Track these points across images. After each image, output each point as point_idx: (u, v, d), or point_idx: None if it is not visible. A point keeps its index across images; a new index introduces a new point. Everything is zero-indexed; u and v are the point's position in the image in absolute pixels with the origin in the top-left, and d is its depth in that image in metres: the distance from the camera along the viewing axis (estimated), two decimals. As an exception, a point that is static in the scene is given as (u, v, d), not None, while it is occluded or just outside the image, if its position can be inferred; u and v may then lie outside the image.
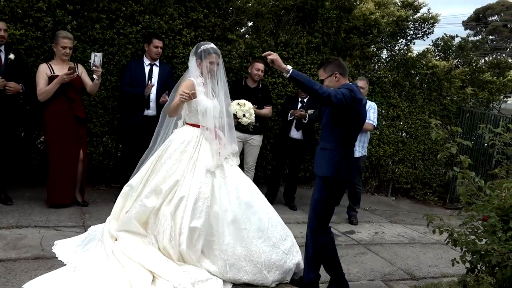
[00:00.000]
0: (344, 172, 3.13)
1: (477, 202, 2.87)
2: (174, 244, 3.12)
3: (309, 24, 6.39)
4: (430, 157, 7.76)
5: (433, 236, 4.45)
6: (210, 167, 3.30)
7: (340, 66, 3.22)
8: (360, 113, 3.15)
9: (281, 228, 3.53)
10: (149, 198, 3.25)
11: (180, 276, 2.99)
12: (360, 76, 5.76)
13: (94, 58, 4.19)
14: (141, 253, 3.11)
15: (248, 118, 3.74)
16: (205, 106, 3.38)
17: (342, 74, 3.20)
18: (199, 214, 3.17)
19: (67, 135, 4.36)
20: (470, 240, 2.89)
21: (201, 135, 3.39)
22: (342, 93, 2.93)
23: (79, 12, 4.77)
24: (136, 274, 2.93)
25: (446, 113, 7.76)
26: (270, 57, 2.93)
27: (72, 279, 2.90)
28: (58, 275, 2.95)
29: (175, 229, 3.14)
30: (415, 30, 7.27)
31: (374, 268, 4.02)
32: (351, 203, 5.57)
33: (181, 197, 3.18)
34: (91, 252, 3.26)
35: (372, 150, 7.02)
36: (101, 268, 3.02)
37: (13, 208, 4.21)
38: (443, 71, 7.43)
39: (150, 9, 5.15)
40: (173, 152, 3.33)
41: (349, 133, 3.16)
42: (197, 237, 3.15)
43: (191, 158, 3.31)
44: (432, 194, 7.88)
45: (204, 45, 3.46)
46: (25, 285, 2.80)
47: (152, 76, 4.81)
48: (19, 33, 4.42)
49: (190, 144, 3.35)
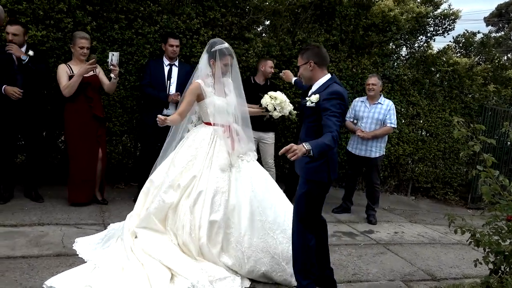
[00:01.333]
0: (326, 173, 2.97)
1: (500, 202, 2.80)
2: (194, 238, 3.16)
3: (327, 22, 6.35)
4: (451, 156, 7.62)
5: (454, 236, 4.37)
6: (224, 166, 3.33)
7: (318, 55, 2.98)
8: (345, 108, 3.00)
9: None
10: (167, 193, 3.29)
11: (198, 274, 3.00)
12: (371, 74, 5.69)
13: (111, 58, 4.24)
14: (160, 249, 3.14)
15: (280, 112, 3.69)
16: (216, 105, 3.41)
17: (318, 64, 2.98)
18: (218, 207, 3.21)
19: (86, 134, 4.43)
20: (494, 241, 2.82)
21: (215, 133, 3.43)
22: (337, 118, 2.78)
23: (99, 13, 4.83)
24: (155, 272, 2.95)
25: (468, 111, 7.61)
26: (291, 155, 2.60)
27: (93, 276, 2.94)
28: (79, 272, 2.99)
29: (195, 223, 3.18)
30: (435, 27, 7.16)
31: (394, 268, 3.97)
32: (370, 202, 5.50)
33: (199, 192, 3.23)
34: (111, 250, 3.30)
35: (391, 149, 6.93)
36: (120, 265, 3.05)
37: (35, 206, 4.29)
38: (464, 68, 7.29)
39: (168, 9, 5.18)
40: (188, 148, 3.39)
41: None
42: (216, 230, 3.19)
43: (207, 154, 3.35)
44: (453, 194, 7.74)
45: (219, 45, 3.42)
46: (47, 281, 2.84)
47: (171, 76, 4.85)
48: (41, 34, 4.50)
49: (205, 140, 3.39)
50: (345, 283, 3.47)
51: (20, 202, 4.33)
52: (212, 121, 3.45)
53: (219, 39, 3.63)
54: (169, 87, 4.81)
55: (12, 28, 4.10)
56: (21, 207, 4.20)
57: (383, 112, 5.26)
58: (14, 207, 4.18)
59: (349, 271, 3.73)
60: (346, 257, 4.07)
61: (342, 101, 2.86)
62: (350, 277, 3.61)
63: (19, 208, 4.18)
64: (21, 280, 2.86)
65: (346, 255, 4.13)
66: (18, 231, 3.65)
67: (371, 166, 5.38)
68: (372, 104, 5.33)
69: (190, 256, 3.17)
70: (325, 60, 3.03)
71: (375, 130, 5.25)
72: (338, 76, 6.36)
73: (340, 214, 5.54)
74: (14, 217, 3.94)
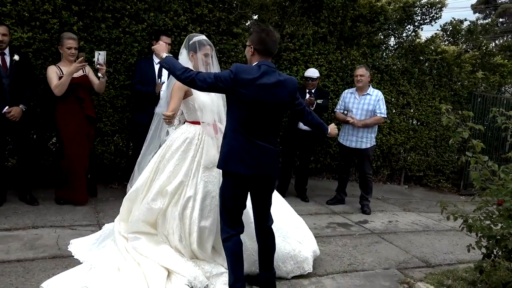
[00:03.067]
0: (233, 163, 2.71)
1: (491, 187, 2.84)
2: (186, 244, 3.12)
3: (315, 14, 6.34)
4: (442, 143, 7.69)
5: (447, 223, 4.42)
6: (210, 164, 3.16)
7: (258, 42, 2.73)
8: (247, 96, 2.64)
9: (291, 217, 3.51)
10: (155, 200, 3.18)
11: (195, 270, 3.01)
12: (358, 65, 5.71)
13: (98, 57, 4.22)
14: (154, 251, 3.12)
15: None
16: (202, 101, 3.20)
17: (258, 50, 2.75)
18: (208, 213, 3.14)
19: (80, 135, 4.42)
20: (486, 225, 2.86)
21: (203, 132, 3.23)
22: (214, 76, 2.65)
23: (85, 12, 4.79)
24: (151, 271, 2.95)
25: (457, 99, 7.67)
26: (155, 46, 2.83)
27: (89, 277, 2.94)
28: (75, 273, 2.98)
29: (185, 229, 3.11)
30: (423, 16, 7.17)
31: (389, 257, 4.01)
32: (363, 192, 5.54)
33: (188, 198, 3.11)
34: (106, 250, 3.29)
35: (383, 138, 6.98)
36: (116, 265, 3.05)
37: (29, 209, 4.27)
38: (452, 56, 7.34)
39: (154, 6, 5.15)
40: (175, 151, 3.21)
41: (241, 118, 2.70)
42: (207, 235, 3.13)
43: (194, 157, 3.19)
44: (445, 181, 7.82)
45: (197, 37, 3.27)
46: (43, 283, 2.84)
47: (162, 74, 4.83)
48: (27, 36, 4.45)
49: (193, 142, 3.21)
50: (341, 273, 3.50)
51: (13, 205, 4.30)
52: (200, 119, 3.23)
53: (196, 33, 3.53)
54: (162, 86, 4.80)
55: (1, 29, 4.08)
56: (15, 211, 4.17)
57: (372, 103, 5.28)
58: (7, 211, 4.15)
59: (345, 261, 3.76)
60: (342, 248, 4.10)
61: (231, 72, 2.65)
62: (345, 267, 3.64)
63: (13, 211, 4.15)
64: (17, 284, 2.85)
65: (341, 245, 4.16)
66: (12, 235, 3.62)
67: (363, 157, 5.42)
68: (361, 95, 5.35)
69: (185, 256, 3.15)
70: (269, 46, 2.74)
71: (366, 119, 5.28)
72: (327, 68, 6.39)
73: (334, 206, 5.58)
74: (8, 221, 3.91)
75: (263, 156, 2.74)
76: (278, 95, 2.74)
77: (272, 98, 2.70)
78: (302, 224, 3.58)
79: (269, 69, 2.72)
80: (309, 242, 3.48)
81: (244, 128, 2.69)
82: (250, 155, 2.70)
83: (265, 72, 2.70)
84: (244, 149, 2.70)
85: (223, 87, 2.65)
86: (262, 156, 2.74)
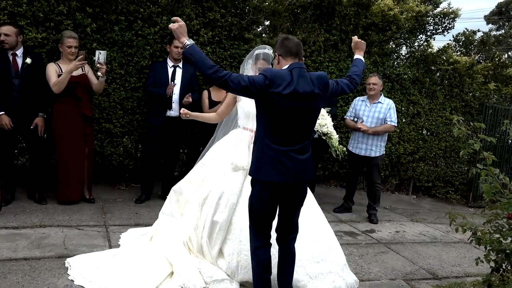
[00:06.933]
0: (264, 171, 2.63)
1: (501, 200, 2.80)
2: (198, 233, 3.24)
3: (327, 22, 6.35)
4: (452, 154, 7.62)
5: (455, 235, 4.37)
6: (236, 168, 3.25)
7: (282, 47, 2.73)
8: (281, 103, 2.55)
9: (314, 246, 3.27)
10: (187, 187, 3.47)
11: (193, 273, 3.02)
12: (371, 73, 5.69)
13: (98, 56, 4.23)
14: (167, 242, 3.32)
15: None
16: (247, 109, 3.32)
17: (282, 55, 2.73)
18: (223, 209, 3.19)
19: (73, 134, 4.44)
20: (495, 239, 2.82)
21: (241, 138, 3.37)
22: (249, 80, 2.53)
23: (98, 14, 4.84)
24: (157, 265, 3.15)
25: (468, 110, 7.61)
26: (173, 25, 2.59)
27: (108, 259, 3.25)
28: (97, 255, 3.32)
29: (201, 220, 3.26)
30: (435, 26, 7.15)
31: (395, 267, 3.97)
32: (371, 201, 5.50)
33: (209, 191, 3.28)
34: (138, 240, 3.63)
35: (392, 148, 6.93)
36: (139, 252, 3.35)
37: (37, 208, 4.30)
38: (464, 67, 7.28)
39: (167, 10, 5.19)
40: (214, 149, 3.51)
41: (272, 125, 2.61)
42: (217, 231, 3.18)
43: (226, 155, 3.35)
44: (454, 192, 7.73)
45: (259, 50, 3.49)
46: (68, 259, 3.19)
47: (175, 77, 4.86)
48: (41, 37, 4.51)
49: (230, 143, 3.40)
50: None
51: (21, 204, 4.35)
52: (243, 125, 3.39)
53: (265, 45, 3.62)
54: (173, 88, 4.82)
55: (3, 29, 4.12)
56: (23, 209, 4.21)
57: (383, 111, 5.26)
58: (15, 209, 4.19)
59: (351, 271, 3.72)
60: (348, 257, 4.05)
61: (266, 78, 2.55)
62: (351, 276, 3.60)
63: (21, 210, 4.19)
64: (23, 282, 2.87)
65: (347, 254, 4.12)
66: (20, 233, 3.66)
67: (372, 165, 5.38)
68: (372, 103, 5.33)
69: (193, 252, 3.23)
70: (290, 49, 2.71)
71: (376, 126, 5.26)
72: (338, 76, 6.38)
73: (341, 214, 5.54)
74: (16, 219, 3.95)
75: (296, 163, 2.65)
76: (313, 97, 2.64)
77: (306, 102, 2.62)
78: (327, 260, 3.27)
79: (301, 71, 2.64)
80: (331, 278, 3.18)
81: (277, 134, 2.61)
82: (283, 163, 2.61)
83: (299, 75, 2.61)
84: (276, 157, 2.61)
85: (255, 92, 2.54)
86: (295, 163, 2.65)
